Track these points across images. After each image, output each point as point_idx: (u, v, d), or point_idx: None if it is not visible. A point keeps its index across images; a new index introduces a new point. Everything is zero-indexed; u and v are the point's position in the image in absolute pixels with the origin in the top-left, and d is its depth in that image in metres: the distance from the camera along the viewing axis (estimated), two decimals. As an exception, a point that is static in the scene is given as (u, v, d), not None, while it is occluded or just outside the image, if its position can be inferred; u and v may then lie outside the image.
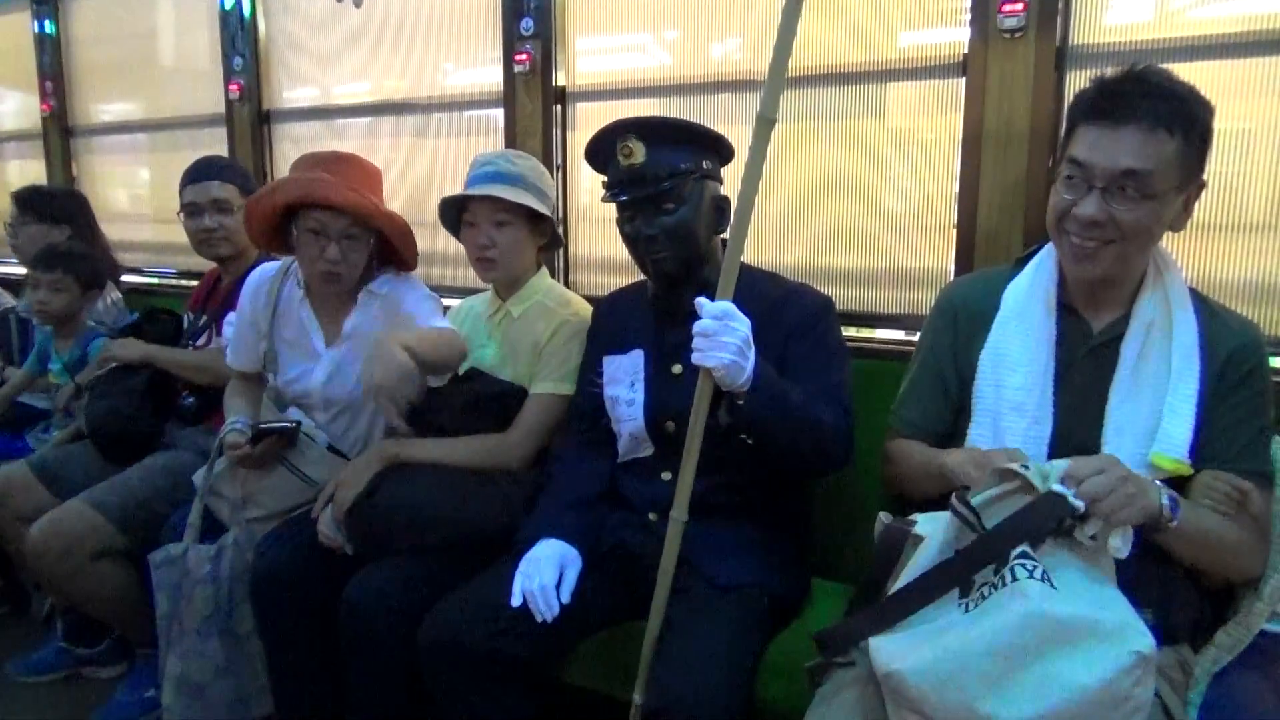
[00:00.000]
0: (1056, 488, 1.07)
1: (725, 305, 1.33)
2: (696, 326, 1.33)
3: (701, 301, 1.34)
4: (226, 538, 1.87)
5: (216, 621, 1.84)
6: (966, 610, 1.04)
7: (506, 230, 1.85)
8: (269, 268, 2.04)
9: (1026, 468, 1.10)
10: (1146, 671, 0.95)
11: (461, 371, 1.89)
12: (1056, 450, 1.29)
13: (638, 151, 1.53)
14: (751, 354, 1.36)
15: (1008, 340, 1.36)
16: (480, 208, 1.85)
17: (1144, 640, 0.95)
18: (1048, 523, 1.05)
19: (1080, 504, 1.05)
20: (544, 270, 1.99)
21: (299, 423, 1.94)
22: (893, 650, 1.04)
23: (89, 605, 2.14)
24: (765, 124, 1.27)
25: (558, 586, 1.45)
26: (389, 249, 1.93)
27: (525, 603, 1.43)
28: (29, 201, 2.81)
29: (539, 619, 1.42)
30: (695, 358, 1.33)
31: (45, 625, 2.46)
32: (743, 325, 1.34)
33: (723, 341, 1.31)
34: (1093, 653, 0.94)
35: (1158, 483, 1.17)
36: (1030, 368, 1.32)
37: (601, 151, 1.61)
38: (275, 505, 1.91)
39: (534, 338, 1.87)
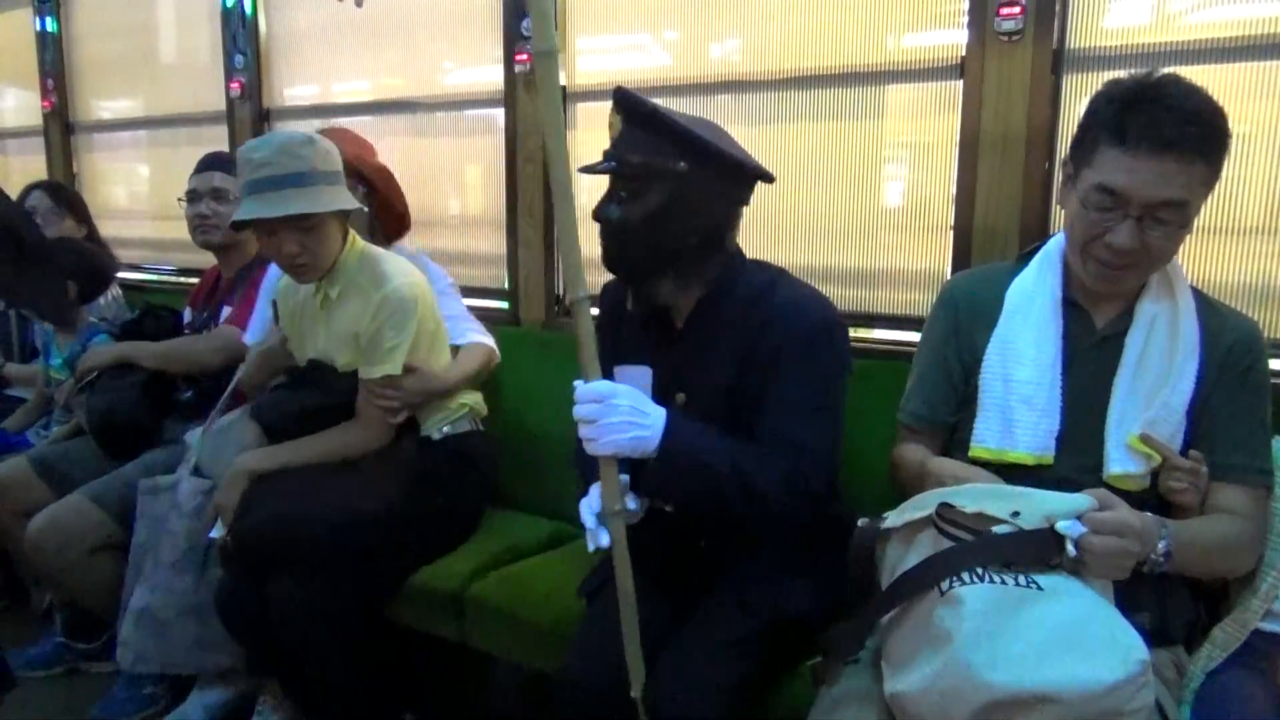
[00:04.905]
0: (1062, 526, 1.04)
1: (599, 387, 1.25)
2: (577, 412, 1.24)
3: (577, 385, 1.26)
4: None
5: (194, 558, 1.85)
6: (946, 600, 1.03)
7: (314, 232, 1.71)
8: None
9: (1017, 514, 1.06)
10: (1149, 678, 0.95)
11: (303, 362, 1.85)
12: (1064, 443, 1.29)
13: (615, 125, 1.41)
14: (650, 416, 1.27)
15: (1015, 334, 1.35)
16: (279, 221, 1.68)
17: (1141, 647, 0.96)
18: (1037, 556, 1.04)
19: (1074, 552, 1.04)
20: (351, 241, 1.84)
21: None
22: (895, 671, 1.03)
23: (87, 599, 2.15)
24: (542, 57, 1.17)
25: None
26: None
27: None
28: (60, 194, 2.83)
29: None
30: (590, 449, 1.25)
31: (44, 620, 2.46)
32: (623, 397, 1.25)
33: (611, 424, 1.23)
34: (1095, 658, 0.94)
35: (1164, 531, 1.14)
36: (1038, 361, 1.32)
37: None
38: None
39: (353, 329, 1.79)
